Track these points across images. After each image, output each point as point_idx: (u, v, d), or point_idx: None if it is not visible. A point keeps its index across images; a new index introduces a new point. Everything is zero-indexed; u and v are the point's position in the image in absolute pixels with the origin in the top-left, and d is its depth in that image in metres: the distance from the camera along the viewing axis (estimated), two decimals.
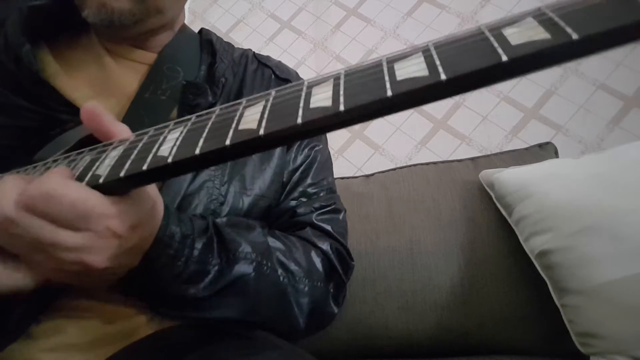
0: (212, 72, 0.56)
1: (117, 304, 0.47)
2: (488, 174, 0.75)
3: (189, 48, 0.57)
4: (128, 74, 0.53)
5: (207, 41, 0.59)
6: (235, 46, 0.63)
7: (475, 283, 0.68)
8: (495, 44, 0.21)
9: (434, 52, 0.23)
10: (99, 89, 0.51)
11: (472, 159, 0.83)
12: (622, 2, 0.19)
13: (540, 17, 0.21)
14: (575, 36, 0.19)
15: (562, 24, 0.20)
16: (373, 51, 1.62)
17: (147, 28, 0.52)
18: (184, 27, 0.59)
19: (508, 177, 0.71)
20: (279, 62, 0.65)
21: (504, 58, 0.20)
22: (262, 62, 0.63)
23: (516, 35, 0.21)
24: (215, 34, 0.61)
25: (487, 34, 0.22)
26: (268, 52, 1.79)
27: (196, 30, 0.62)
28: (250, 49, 0.65)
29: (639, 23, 0.18)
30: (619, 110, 1.31)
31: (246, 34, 1.79)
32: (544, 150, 0.80)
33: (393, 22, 1.67)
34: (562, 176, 0.67)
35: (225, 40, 0.63)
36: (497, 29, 0.22)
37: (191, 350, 0.42)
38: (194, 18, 1.88)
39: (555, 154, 0.80)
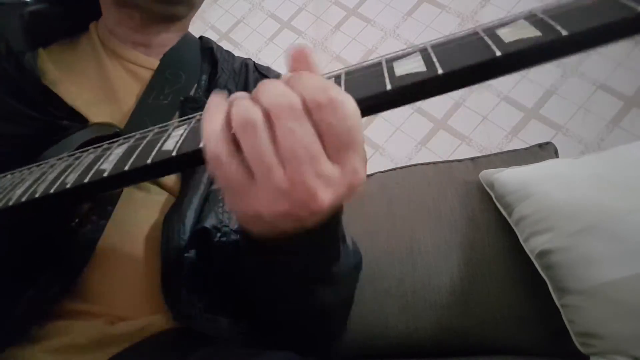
0: (214, 82, 0.55)
1: (120, 307, 0.47)
2: (488, 174, 0.75)
3: (191, 54, 0.57)
4: (129, 79, 0.53)
5: (207, 49, 0.59)
6: (235, 46, 0.63)
7: (475, 283, 0.68)
8: (489, 42, 0.23)
9: (431, 51, 0.24)
10: (101, 94, 0.51)
11: (472, 159, 0.83)
12: (608, 2, 0.21)
13: (532, 18, 0.23)
14: (564, 32, 0.21)
15: (552, 22, 0.22)
16: (373, 51, 1.62)
17: (191, 11, 0.56)
18: (187, 33, 0.59)
19: (508, 177, 0.71)
20: (279, 74, 0.65)
21: (498, 53, 0.22)
22: (263, 74, 0.62)
23: (509, 34, 0.23)
24: (215, 42, 0.61)
25: (482, 34, 0.23)
26: (268, 52, 1.77)
27: (195, 31, 0.62)
28: (250, 59, 0.65)
29: (623, 20, 0.20)
30: (619, 110, 1.31)
31: (246, 34, 1.79)
32: (544, 150, 0.80)
33: (393, 22, 1.66)
34: (562, 176, 0.67)
35: (225, 40, 0.63)
36: (490, 30, 0.23)
37: (193, 350, 0.42)
38: (194, 18, 1.88)
39: (555, 154, 0.80)
